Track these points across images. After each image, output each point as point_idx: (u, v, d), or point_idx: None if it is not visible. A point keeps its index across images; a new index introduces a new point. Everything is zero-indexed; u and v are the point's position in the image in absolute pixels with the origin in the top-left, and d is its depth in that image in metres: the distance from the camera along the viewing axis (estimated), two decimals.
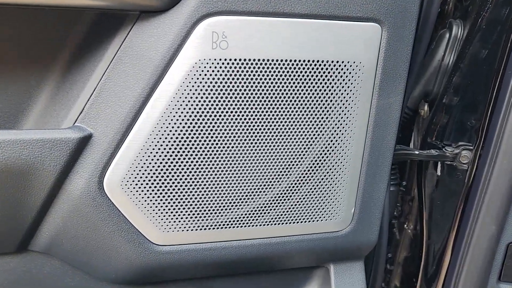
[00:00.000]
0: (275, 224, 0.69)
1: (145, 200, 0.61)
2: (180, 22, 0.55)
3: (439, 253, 1.03)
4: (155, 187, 0.61)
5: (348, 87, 0.64)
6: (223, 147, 0.62)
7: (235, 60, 0.58)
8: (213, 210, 0.65)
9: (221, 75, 0.58)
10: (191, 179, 0.62)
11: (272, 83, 0.60)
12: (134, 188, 0.60)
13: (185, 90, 0.58)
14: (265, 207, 0.68)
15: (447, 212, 1.00)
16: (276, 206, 0.68)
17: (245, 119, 0.61)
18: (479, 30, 0.88)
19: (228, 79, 0.58)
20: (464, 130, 0.93)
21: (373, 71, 0.64)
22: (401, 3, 0.62)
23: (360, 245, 0.76)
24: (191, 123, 0.59)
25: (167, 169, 0.61)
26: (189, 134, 0.60)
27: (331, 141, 0.66)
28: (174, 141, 0.60)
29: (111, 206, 0.60)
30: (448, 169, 0.98)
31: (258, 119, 0.62)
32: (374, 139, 0.68)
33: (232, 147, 0.62)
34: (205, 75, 0.58)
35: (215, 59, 0.57)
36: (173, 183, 0.62)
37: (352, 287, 0.79)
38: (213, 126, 0.60)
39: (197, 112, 0.59)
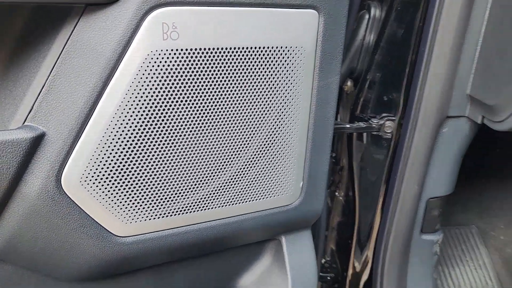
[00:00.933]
0: (231, 204, 0.73)
1: (106, 194, 0.61)
2: (129, 14, 0.55)
3: (370, 215, 1.14)
4: (115, 180, 0.61)
5: (292, 70, 0.68)
6: (179, 135, 0.63)
7: (186, 50, 0.59)
8: (172, 197, 0.67)
9: (173, 65, 0.59)
10: (150, 169, 0.63)
11: (223, 70, 0.63)
12: (94, 183, 0.60)
13: (139, 82, 0.58)
14: (220, 189, 0.71)
15: (375, 178, 1.11)
16: (231, 187, 0.71)
17: (199, 106, 0.63)
18: (395, 11, 0.97)
19: (181, 69, 0.60)
20: (387, 103, 1.03)
21: (313, 54, 0.69)
22: None
23: (308, 215, 0.82)
24: (147, 115, 0.60)
25: (126, 162, 0.61)
26: (146, 125, 0.60)
27: (279, 120, 0.71)
28: (132, 133, 0.60)
29: (71, 204, 0.60)
30: (374, 138, 1.08)
31: (210, 104, 0.64)
32: (317, 117, 0.73)
33: (188, 134, 0.64)
34: (158, 66, 0.58)
35: (166, 50, 0.58)
36: (133, 174, 0.62)
37: (303, 254, 0.86)
38: (169, 116, 0.61)
39: (152, 103, 0.60)
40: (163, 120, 0.61)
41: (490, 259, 1.34)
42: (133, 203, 0.64)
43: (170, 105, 0.61)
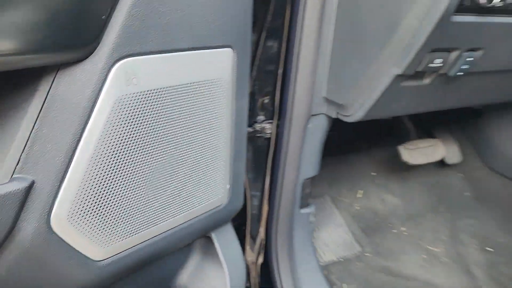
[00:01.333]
0: (178, 215, 0.85)
1: (88, 226, 0.68)
2: (98, 67, 0.64)
3: (259, 202, 1.37)
4: (95, 211, 0.69)
5: (217, 97, 0.84)
6: (143, 163, 0.74)
7: (145, 91, 0.70)
8: (135, 217, 0.77)
9: (136, 105, 0.70)
10: (122, 196, 0.72)
11: (172, 103, 0.75)
12: (78, 218, 0.66)
13: (110, 124, 0.67)
14: (166, 203, 0.83)
15: (261, 170, 1.34)
16: (174, 200, 0.84)
17: (156, 136, 0.75)
18: (264, 36, 1.20)
19: (142, 107, 0.70)
20: (266, 110, 1.26)
21: (231, 83, 0.86)
22: (242, 31, 0.85)
23: (232, 211, 1.00)
24: (119, 150, 0.69)
25: (104, 193, 0.69)
26: (119, 159, 0.69)
27: (210, 136, 0.86)
28: (107, 168, 0.68)
29: (59, 241, 0.65)
30: (258, 139, 1.30)
31: (163, 133, 0.76)
32: (236, 131, 0.91)
33: (149, 161, 0.75)
34: (125, 108, 0.68)
35: (130, 94, 0.68)
36: (109, 204, 0.70)
37: (230, 245, 1.03)
38: (136, 148, 0.72)
39: (123, 140, 0.69)
40: (132, 153, 0.71)
41: (343, 219, 1.73)
42: (109, 228, 0.72)
43: (137, 139, 0.71)
